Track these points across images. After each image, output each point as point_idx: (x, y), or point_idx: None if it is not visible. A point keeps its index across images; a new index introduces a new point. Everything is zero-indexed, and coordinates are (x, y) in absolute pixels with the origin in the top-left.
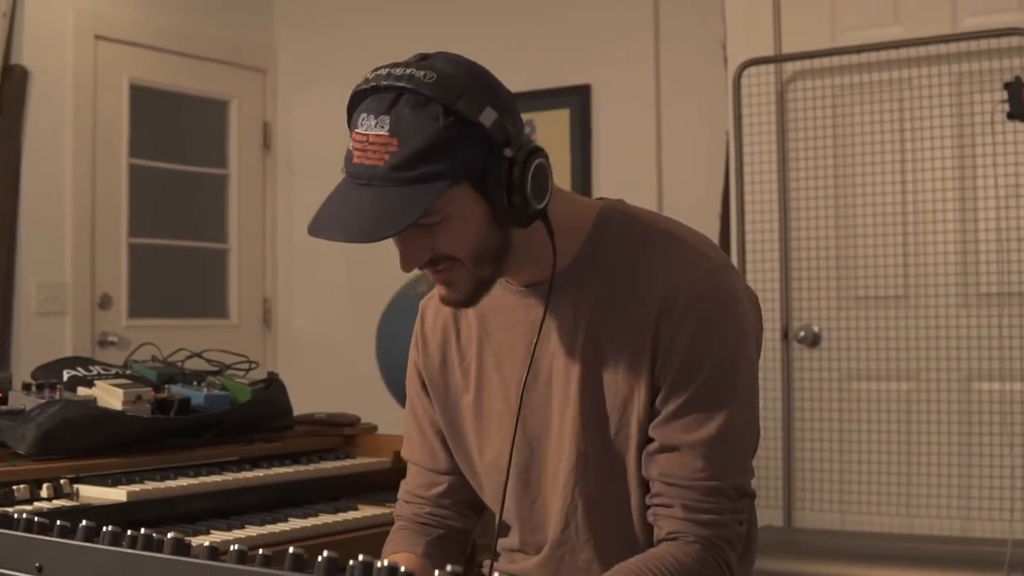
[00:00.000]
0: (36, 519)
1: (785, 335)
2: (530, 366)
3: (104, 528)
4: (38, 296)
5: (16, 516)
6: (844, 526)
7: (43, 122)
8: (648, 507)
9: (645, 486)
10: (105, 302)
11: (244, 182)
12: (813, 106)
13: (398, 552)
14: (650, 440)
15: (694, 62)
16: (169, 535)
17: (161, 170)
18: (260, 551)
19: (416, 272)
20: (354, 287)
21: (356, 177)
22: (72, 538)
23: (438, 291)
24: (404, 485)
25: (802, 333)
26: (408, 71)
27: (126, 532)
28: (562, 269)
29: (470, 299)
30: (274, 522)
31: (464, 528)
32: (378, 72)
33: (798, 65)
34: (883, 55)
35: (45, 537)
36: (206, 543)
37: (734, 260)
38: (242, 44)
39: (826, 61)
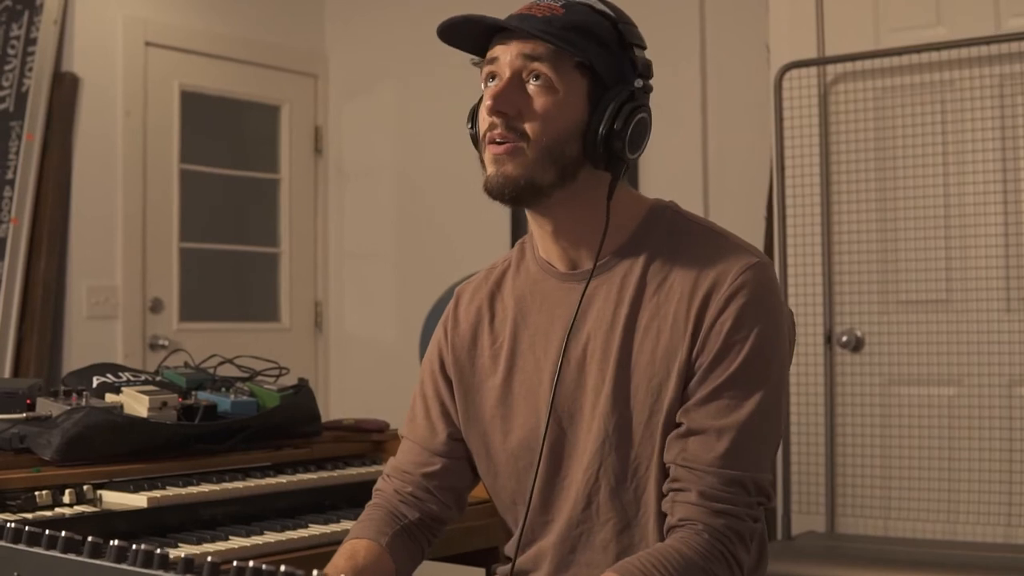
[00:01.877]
0: (27, 528)
1: (828, 339)
2: (565, 347)
3: (86, 539)
4: (89, 300)
5: (3, 525)
6: (887, 532)
7: (93, 129)
8: (665, 494)
9: (668, 472)
10: (156, 306)
11: (295, 186)
12: (856, 108)
13: (361, 539)
14: (678, 425)
15: (740, 64)
16: (141, 547)
17: (213, 175)
18: (234, 563)
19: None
20: (404, 290)
21: (507, 21)
22: (54, 549)
23: (489, 168)
24: (392, 461)
25: (844, 338)
26: None
27: (108, 543)
28: (608, 253)
29: (516, 189)
30: (294, 528)
31: (440, 517)
32: None
33: (840, 67)
34: (926, 57)
35: (23, 547)
36: (211, 551)
37: (776, 263)
38: (293, 49)
39: (868, 63)
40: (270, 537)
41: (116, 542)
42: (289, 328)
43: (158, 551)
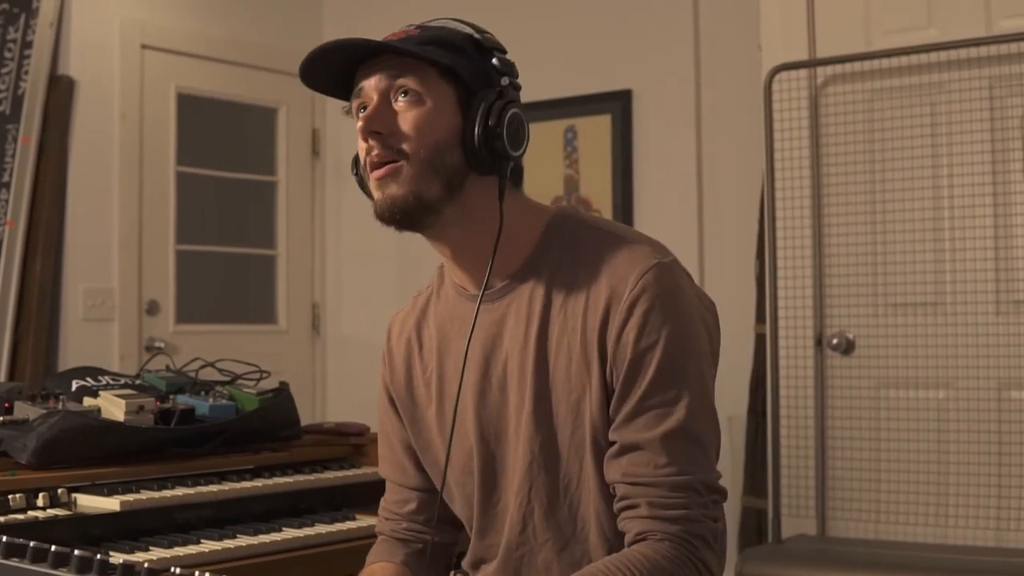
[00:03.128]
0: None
1: (819, 342)
2: (464, 366)
3: (28, 544)
4: (85, 302)
5: None
6: (878, 535)
7: (90, 131)
8: (617, 514)
9: (603, 486)
10: (152, 308)
11: (293, 188)
12: (847, 110)
13: (377, 562)
14: (611, 444)
15: (734, 67)
16: (76, 552)
17: (209, 177)
18: (174, 569)
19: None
20: (403, 292)
21: (361, 41)
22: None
23: (375, 194)
24: (383, 501)
25: (835, 340)
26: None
27: (49, 549)
28: (512, 272)
29: (404, 209)
30: (268, 532)
31: (444, 542)
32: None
33: (831, 69)
34: (916, 59)
35: None
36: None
37: (767, 265)
38: (291, 52)
39: (859, 65)
40: (242, 541)
41: (54, 548)
42: (286, 330)
43: (97, 556)
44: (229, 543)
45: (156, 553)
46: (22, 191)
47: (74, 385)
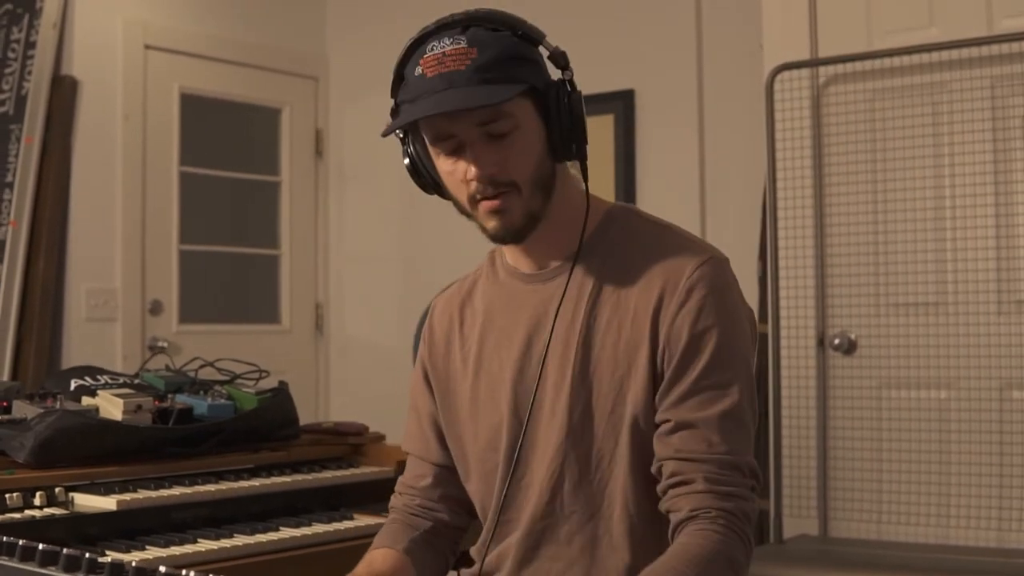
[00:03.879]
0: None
1: (821, 342)
2: (549, 342)
3: (17, 543)
4: (88, 302)
5: None
6: (880, 536)
7: (93, 132)
8: (663, 492)
9: (634, 464)
10: (155, 308)
11: (296, 189)
12: (848, 110)
13: (379, 548)
14: (662, 423)
15: (736, 67)
16: (85, 555)
17: (213, 177)
18: (161, 568)
19: None
20: (405, 292)
21: (433, 88)
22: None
23: (490, 223)
24: (401, 477)
25: (837, 340)
26: (468, 13)
27: (38, 546)
28: (568, 253)
29: (521, 229)
30: (265, 532)
31: (454, 524)
32: (438, 19)
33: (833, 69)
34: (918, 59)
35: None
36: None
37: (769, 265)
38: (294, 52)
39: (861, 65)
40: (240, 540)
41: (42, 546)
42: (289, 330)
43: (87, 555)
44: (226, 542)
45: (152, 552)
46: (25, 191)
47: (73, 384)
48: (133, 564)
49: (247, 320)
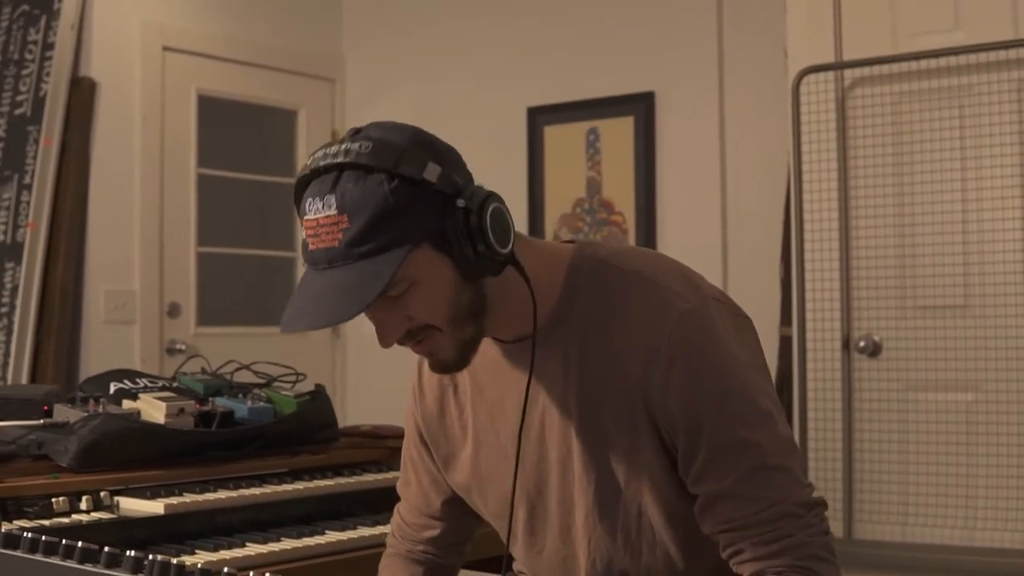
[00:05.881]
0: (43, 538)
1: (846, 344)
2: (522, 422)
3: (103, 549)
4: (106, 305)
5: (24, 535)
6: (905, 538)
7: (111, 133)
8: (727, 560)
9: (674, 533)
10: (173, 310)
11: None
12: (874, 113)
13: None
14: (696, 497)
15: (758, 69)
16: (158, 557)
17: (230, 179)
18: (251, 574)
19: None
20: None
21: (315, 263)
22: (71, 559)
23: (427, 361)
24: (398, 519)
25: (862, 343)
26: (343, 146)
27: (125, 553)
28: (542, 324)
29: (458, 362)
30: (311, 535)
31: (451, 565)
32: (315, 155)
33: (858, 72)
34: (944, 61)
35: (39, 557)
36: (215, 558)
37: (794, 268)
38: (311, 54)
39: (886, 68)
40: (287, 544)
41: (132, 552)
42: (306, 333)
43: (174, 561)
44: (274, 546)
45: (203, 556)
46: (44, 193)
47: (112, 388)
48: (199, 566)
49: (264, 323)
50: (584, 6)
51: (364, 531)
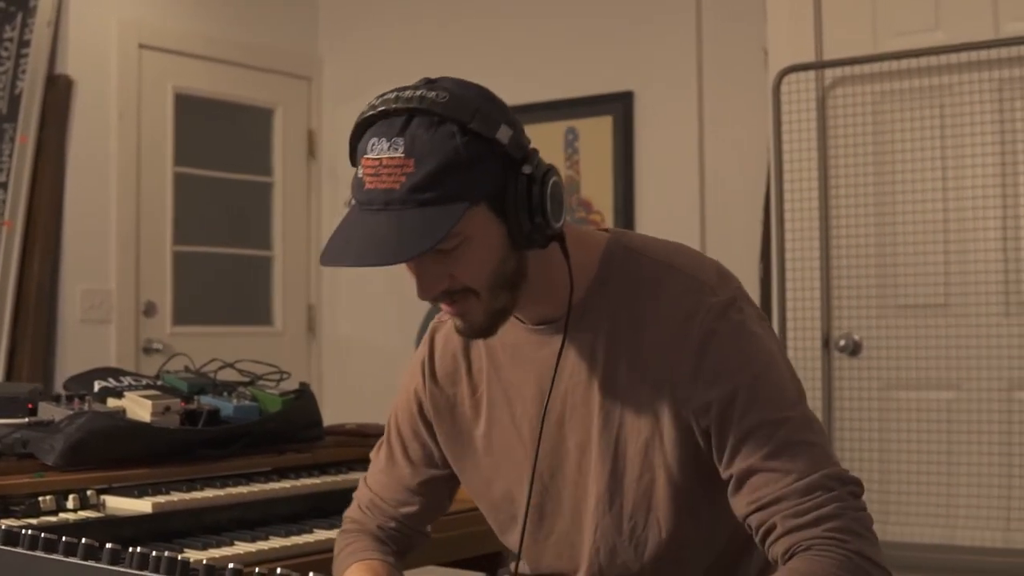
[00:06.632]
0: (43, 535)
1: (826, 343)
2: (547, 405)
3: (104, 545)
4: (82, 304)
5: (22, 532)
6: (884, 537)
7: (87, 131)
8: (761, 545)
9: (676, 528)
10: (149, 310)
11: (288, 190)
12: (854, 112)
13: (370, 559)
14: (729, 481)
15: (737, 68)
16: (164, 553)
17: (206, 178)
18: (256, 570)
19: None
20: (399, 293)
21: (370, 203)
22: (75, 556)
23: (453, 322)
24: (368, 493)
25: (843, 342)
26: (418, 93)
27: (127, 549)
28: (573, 308)
29: (486, 330)
30: (299, 533)
31: (419, 544)
32: (385, 97)
33: (839, 72)
34: (924, 61)
35: (40, 554)
36: (216, 556)
37: (774, 267)
38: (287, 52)
39: (867, 67)
40: (275, 542)
41: (138, 548)
42: (282, 332)
43: (180, 557)
44: (263, 544)
45: (191, 555)
46: (19, 191)
47: (96, 386)
48: (230, 566)
49: (240, 322)
50: (563, 5)
51: None
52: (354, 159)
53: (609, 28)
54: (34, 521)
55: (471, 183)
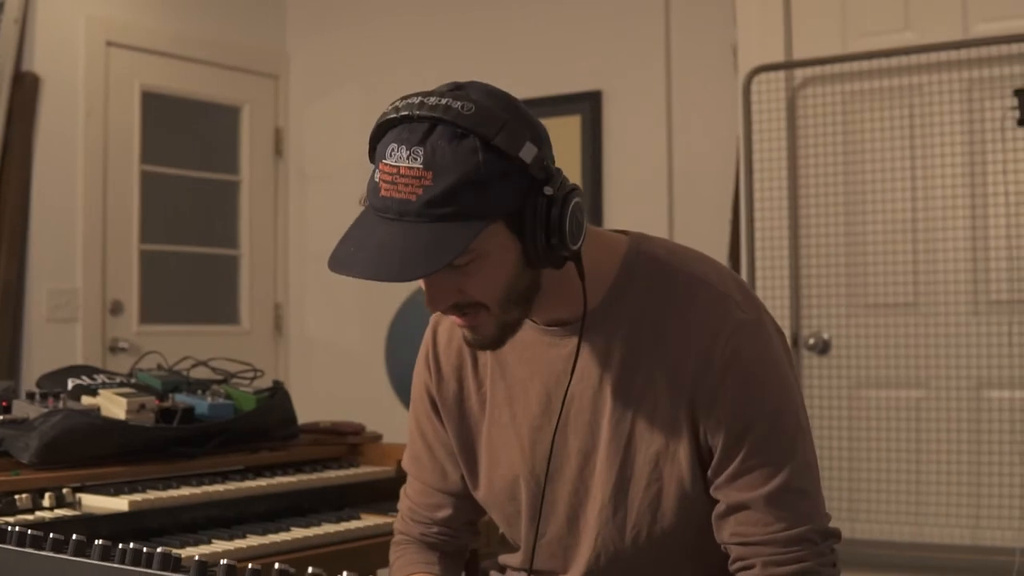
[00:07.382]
0: (29, 532)
1: (795, 342)
2: (561, 409)
3: (94, 541)
4: (49, 303)
5: (9, 529)
6: (853, 534)
7: (54, 129)
8: (733, 574)
9: (679, 538)
10: (116, 308)
11: (256, 188)
12: (824, 112)
13: (417, 573)
14: (717, 503)
15: (706, 68)
16: (158, 549)
17: (173, 176)
18: (249, 566)
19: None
20: (366, 293)
21: (384, 211)
22: (64, 552)
23: (462, 333)
24: (407, 501)
25: (811, 340)
26: (444, 101)
27: (117, 546)
28: (590, 312)
29: (496, 342)
30: (276, 531)
31: (464, 545)
32: (409, 101)
33: (808, 71)
34: (894, 61)
35: (29, 550)
36: (196, 555)
37: (744, 268)
38: (254, 50)
39: (836, 67)
40: (253, 540)
41: (132, 545)
42: (249, 331)
43: (173, 552)
44: (240, 542)
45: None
46: None
47: (70, 384)
48: (224, 561)
49: (207, 321)
50: (531, 4)
51: (329, 527)
52: (372, 157)
53: (578, 27)
54: (11, 519)
55: (489, 201)
